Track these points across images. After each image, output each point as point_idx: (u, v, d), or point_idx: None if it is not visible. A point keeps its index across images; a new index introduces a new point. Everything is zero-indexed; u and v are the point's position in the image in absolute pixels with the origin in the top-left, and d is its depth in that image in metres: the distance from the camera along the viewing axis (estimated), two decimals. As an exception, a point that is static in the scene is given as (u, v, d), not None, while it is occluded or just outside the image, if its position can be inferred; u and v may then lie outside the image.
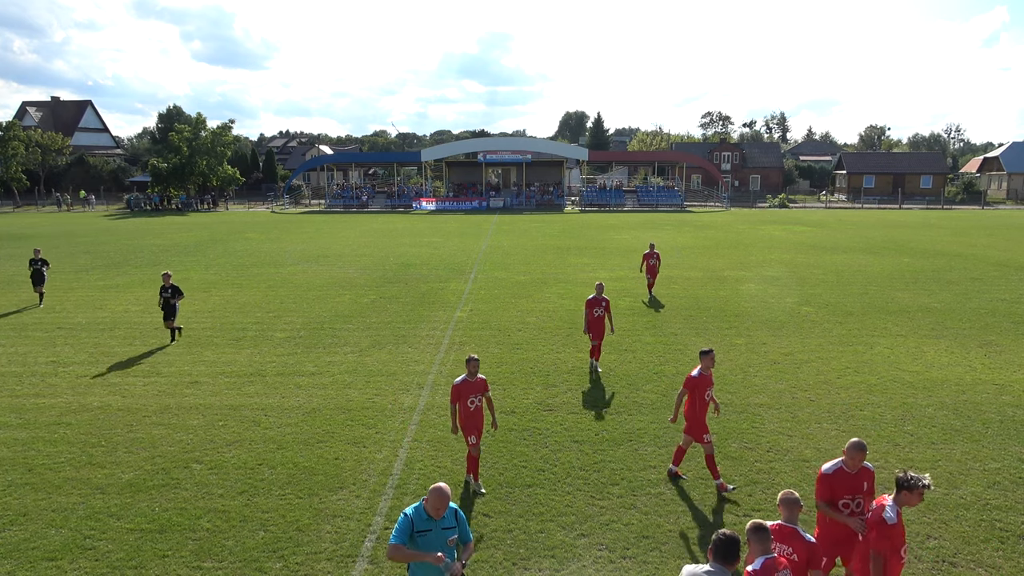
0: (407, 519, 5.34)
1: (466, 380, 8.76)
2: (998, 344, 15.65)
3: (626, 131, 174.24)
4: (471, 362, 8.81)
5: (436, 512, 5.32)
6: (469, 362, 8.82)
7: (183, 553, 7.55)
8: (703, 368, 8.88)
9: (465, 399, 8.73)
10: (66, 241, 38.67)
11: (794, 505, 5.50)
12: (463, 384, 8.74)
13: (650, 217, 55.52)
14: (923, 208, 69.87)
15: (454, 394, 8.73)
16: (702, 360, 8.93)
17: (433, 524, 5.34)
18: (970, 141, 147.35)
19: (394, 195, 72.54)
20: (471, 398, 8.75)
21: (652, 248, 21.65)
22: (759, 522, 4.97)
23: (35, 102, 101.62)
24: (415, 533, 5.32)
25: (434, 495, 5.34)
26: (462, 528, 5.53)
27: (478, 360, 8.89)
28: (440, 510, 5.33)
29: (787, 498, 5.54)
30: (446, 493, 5.33)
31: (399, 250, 33.45)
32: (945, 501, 8.59)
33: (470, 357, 8.88)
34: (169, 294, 16.09)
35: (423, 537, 5.32)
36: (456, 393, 8.71)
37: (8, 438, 10.62)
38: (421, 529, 5.33)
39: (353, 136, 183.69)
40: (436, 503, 5.32)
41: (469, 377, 8.77)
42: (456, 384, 8.74)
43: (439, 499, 5.32)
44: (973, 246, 34.46)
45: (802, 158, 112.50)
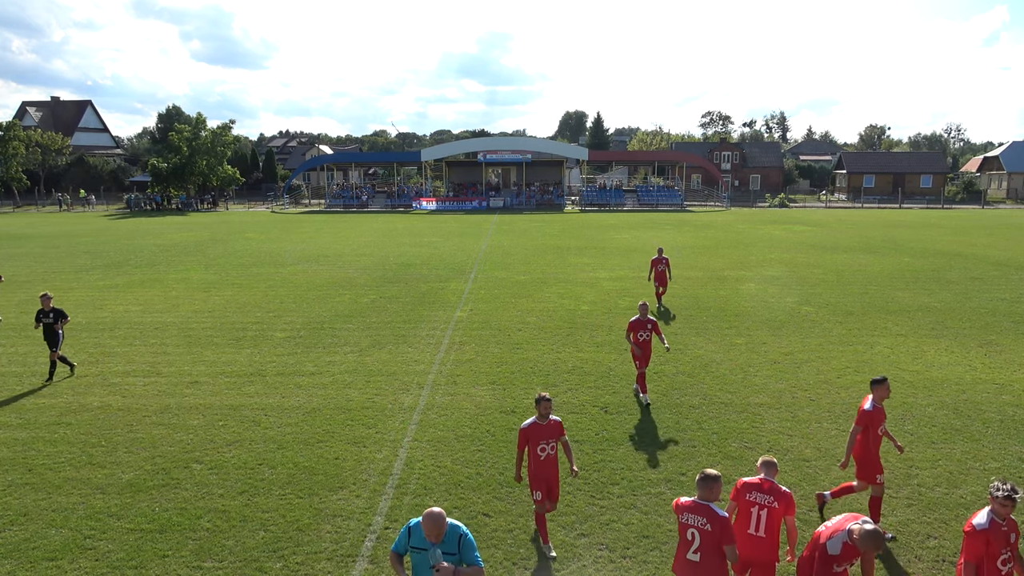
0: (407, 532, 5.17)
1: (536, 424, 7.44)
2: (998, 344, 15.65)
3: (626, 131, 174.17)
4: (542, 402, 7.41)
5: (432, 537, 5.00)
6: (540, 402, 7.43)
7: (183, 553, 7.55)
8: (876, 399, 7.79)
9: (535, 446, 7.43)
10: (66, 241, 38.67)
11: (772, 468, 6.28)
12: (532, 428, 7.42)
13: (650, 217, 55.51)
14: (923, 208, 69.87)
15: (522, 439, 7.46)
16: (875, 390, 7.82)
17: (430, 545, 5.03)
18: (970, 141, 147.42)
19: (394, 195, 72.53)
20: (541, 444, 7.43)
21: (661, 253, 19.97)
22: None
23: (35, 102, 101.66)
24: (411, 548, 5.15)
25: (425, 522, 5.00)
26: (467, 555, 5.09)
27: (551, 400, 7.45)
28: (436, 535, 4.98)
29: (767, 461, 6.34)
30: (438, 518, 4.96)
31: (399, 250, 33.45)
32: (945, 501, 8.59)
33: (541, 397, 7.44)
34: (51, 319, 13.50)
35: (417, 555, 5.11)
36: (524, 438, 7.44)
37: (8, 438, 10.62)
38: (417, 547, 5.11)
39: (353, 136, 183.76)
40: (429, 529, 4.98)
41: (540, 420, 7.44)
42: (524, 428, 7.44)
43: (432, 525, 4.96)
44: (973, 245, 34.46)
45: (802, 158, 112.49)
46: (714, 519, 5.51)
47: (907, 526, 8.05)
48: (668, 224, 48.09)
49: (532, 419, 7.50)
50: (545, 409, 7.38)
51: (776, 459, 6.81)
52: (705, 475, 5.68)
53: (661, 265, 19.70)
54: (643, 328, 11.98)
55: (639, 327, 12.00)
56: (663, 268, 19.73)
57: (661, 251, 20.06)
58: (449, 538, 5.05)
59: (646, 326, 11.98)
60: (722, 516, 5.52)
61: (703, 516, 5.56)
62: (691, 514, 5.62)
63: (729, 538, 5.48)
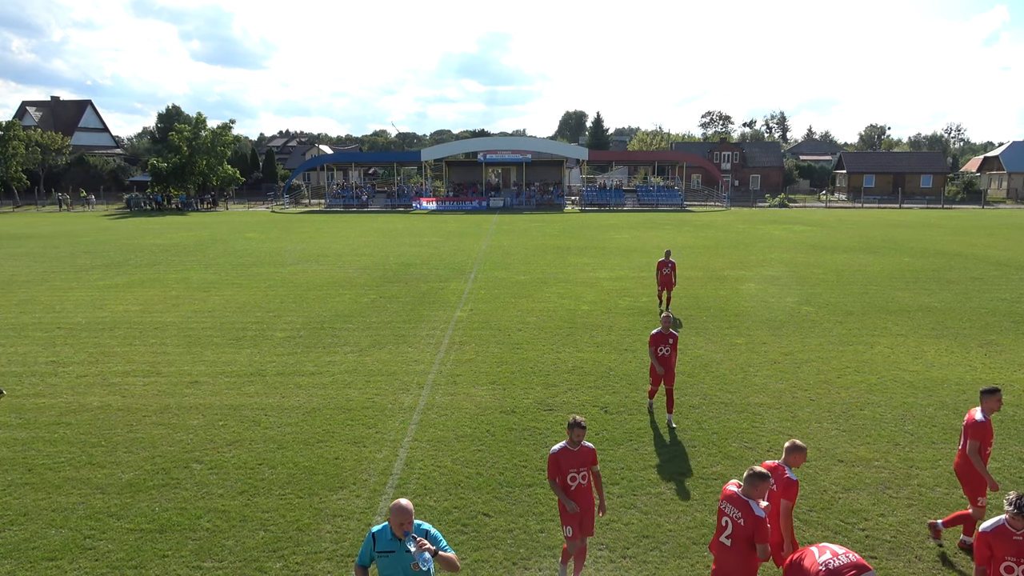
0: (370, 538, 5.09)
1: (565, 449, 6.73)
2: (998, 344, 15.65)
3: (626, 131, 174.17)
4: (575, 428, 6.64)
5: (400, 529, 4.94)
6: (572, 428, 6.65)
7: (183, 553, 7.55)
8: (986, 410, 7.27)
9: (565, 474, 6.71)
10: (66, 241, 38.67)
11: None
12: (562, 454, 6.71)
13: (650, 217, 55.52)
14: (923, 208, 69.87)
15: (552, 468, 6.76)
16: (985, 401, 7.28)
17: (397, 545, 4.99)
18: (970, 141, 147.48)
19: (394, 195, 72.54)
20: (572, 472, 6.72)
21: (668, 256, 19.03)
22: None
23: (35, 102, 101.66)
24: (377, 554, 5.05)
25: (394, 513, 4.94)
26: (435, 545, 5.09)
27: (584, 426, 6.67)
28: (404, 526, 4.93)
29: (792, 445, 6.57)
30: (407, 509, 4.94)
31: (399, 250, 33.45)
32: (945, 501, 8.59)
33: (574, 421, 6.66)
34: None
35: (385, 559, 5.03)
36: (554, 466, 6.74)
37: (8, 438, 10.62)
38: (383, 550, 5.02)
39: (353, 136, 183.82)
40: (395, 521, 4.94)
41: (570, 446, 6.72)
42: (553, 454, 6.73)
43: (400, 515, 4.92)
44: (973, 245, 34.45)
45: (802, 158, 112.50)
46: (749, 515, 5.65)
47: (907, 526, 8.05)
48: (668, 224, 48.09)
49: (562, 444, 6.79)
50: (577, 436, 6.65)
51: None
52: (753, 472, 5.78)
53: (667, 268, 18.81)
54: (664, 342, 11.04)
55: (660, 341, 11.05)
56: (668, 272, 18.81)
57: (668, 254, 19.18)
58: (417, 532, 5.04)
59: (667, 340, 11.03)
60: (757, 515, 5.62)
61: (740, 510, 5.71)
62: (730, 504, 5.82)
63: (762, 537, 5.61)
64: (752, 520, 5.61)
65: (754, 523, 5.60)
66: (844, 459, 9.75)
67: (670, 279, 18.83)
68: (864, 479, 9.19)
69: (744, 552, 5.69)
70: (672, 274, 18.79)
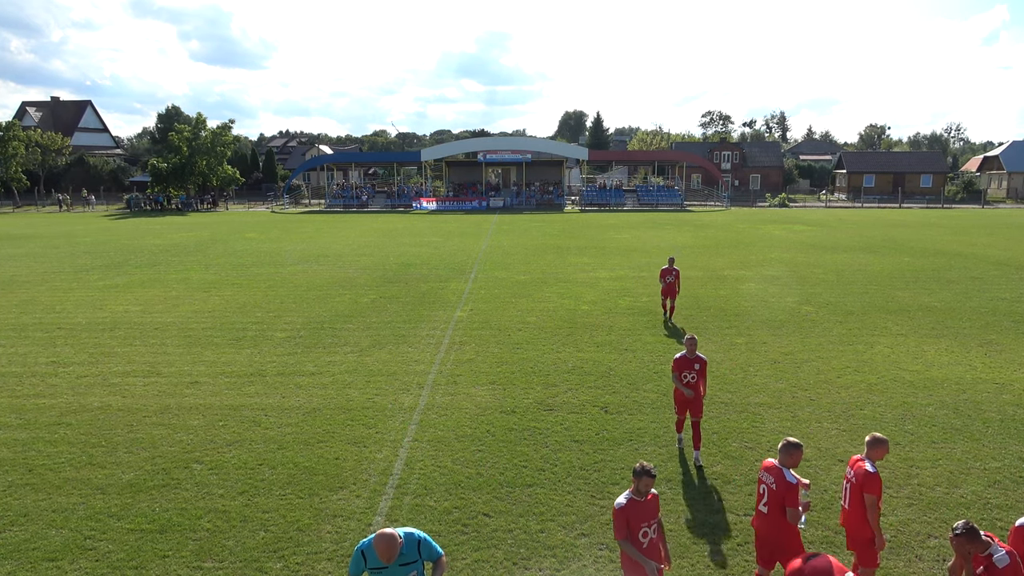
0: (360, 556, 4.98)
1: (634, 501, 5.91)
2: (998, 343, 15.65)
3: (626, 131, 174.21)
4: (643, 476, 5.87)
5: (385, 559, 4.85)
6: (641, 476, 5.88)
7: (183, 553, 7.56)
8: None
9: (637, 531, 5.87)
10: (66, 241, 38.67)
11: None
12: (631, 508, 5.89)
13: (650, 216, 55.52)
14: (923, 207, 69.87)
15: (620, 522, 5.88)
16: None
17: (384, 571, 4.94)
18: (970, 140, 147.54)
19: (394, 195, 72.55)
20: (643, 527, 5.89)
21: (671, 263, 17.96)
22: None
23: (35, 102, 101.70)
24: (370, 570, 4.97)
25: (380, 544, 4.82)
26: (428, 554, 5.12)
27: (654, 474, 5.93)
28: (389, 557, 4.85)
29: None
30: (391, 540, 4.82)
31: (399, 250, 33.45)
32: (946, 500, 8.59)
33: (643, 468, 5.89)
34: None
35: (378, 574, 4.97)
36: (623, 523, 5.87)
37: (8, 438, 10.62)
38: (376, 567, 4.94)
39: (353, 136, 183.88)
40: (382, 551, 4.83)
41: (637, 496, 5.92)
42: (621, 509, 5.89)
43: (385, 548, 4.81)
44: (973, 245, 34.45)
45: (802, 157, 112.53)
46: (781, 481, 6.15)
47: (907, 526, 8.05)
48: (668, 224, 48.09)
49: (627, 496, 5.94)
50: (645, 485, 5.87)
51: None
52: (787, 442, 6.29)
53: (670, 276, 17.75)
54: (689, 368, 9.80)
55: (685, 366, 9.81)
56: (672, 280, 17.78)
57: (672, 261, 18.11)
58: (408, 549, 5.02)
59: (693, 365, 9.77)
60: (788, 481, 6.13)
61: (774, 477, 6.23)
62: (767, 473, 6.33)
63: (791, 501, 6.08)
64: (783, 485, 6.12)
65: (784, 488, 6.11)
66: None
67: (674, 287, 17.91)
68: (864, 479, 9.18)
69: (778, 517, 6.18)
70: (676, 282, 17.92)
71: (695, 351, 9.85)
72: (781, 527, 6.19)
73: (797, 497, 6.07)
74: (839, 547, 7.57)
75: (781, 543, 6.26)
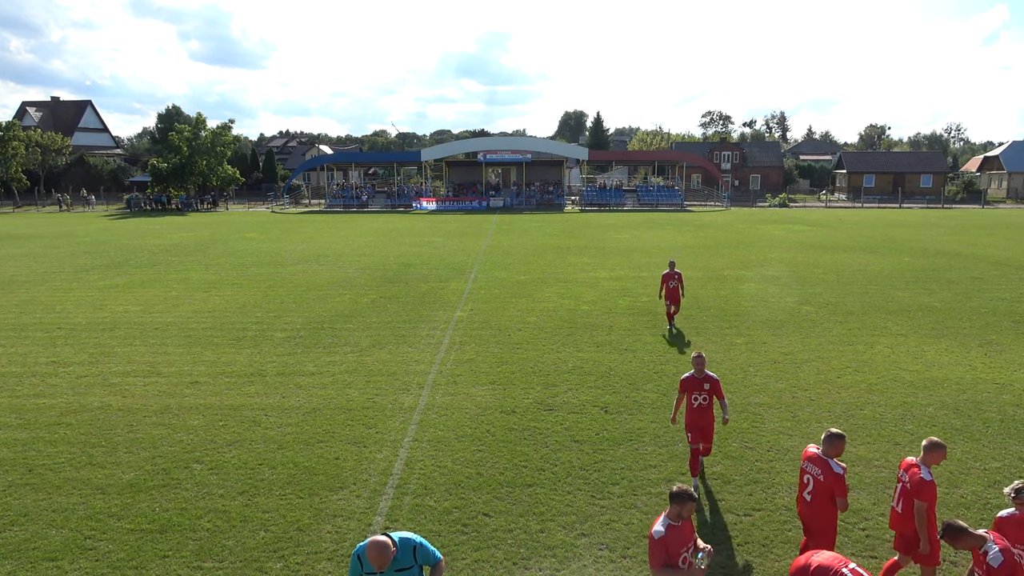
0: (357, 560, 4.94)
1: (672, 527, 5.52)
2: (998, 343, 15.65)
3: (626, 131, 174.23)
4: (686, 501, 5.45)
5: (377, 565, 4.81)
6: (683, 500, 5.45)
7: (184, 553, 7.56)
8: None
9: (677, 557, 5.49)
10: (66, 241, 38.68)
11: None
12: (670, 535, 5.48)
13: (650, 216, 55.52)
14: (923, 207, 69.86)
15: (659, 554, 5.47)
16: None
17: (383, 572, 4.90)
18: (970, 140, 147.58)
19: (394, 195, 72.56)
20: (683, 553, 5.53)
21: (673, 267, 17.12)
22: None
23: (35, 102, 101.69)
24: (366, 574, 4.93)
25: (372, 551, 4.76)
26: (424, 558, 5.07)
27: (693, 498, 5.50)
28: (382, 564, 4.80)
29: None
30: (383, 547, 4.78)
31: (399, 250, 33.46)
32: (946, 500, 8.59)
33: (681, 491, 5.48)
34: None
35: None
36: (662, 552, 5.46)
37: (8, 438, 10.62)
38: (371, 571, 4.90)
39: (353, 136, 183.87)
40: (374, 559, 4.78)
41: (673, 520, 5.53)
42: (660, 538, 5.45)
43: (377, 555, 4.76)
44: (973, 245, 34.46)
45: (802, 157, 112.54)
46: (828, 472, 6.36)
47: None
48: (668, 224, 48.09)
49: (664, 522, 5.52)
50: (688, 511, 5.48)
51: None
52: (830, 433, 6.50)
53: (673, 281, 16.89)
54: (698, 389, 8.66)
55: (694, 387, 8.72)
56: (675, 284, 16.91)
57: (673, 265, 17.27)
58: (403, 555, 4.97)
59: (702, 386, 8.65)
60: (836, 472, 6.33)
61: (820, 468, 6.43)
62: (811, 463, 6.54)
63: (840, 492, 6.31)
64: (830, 476, 6.33)
65: (832, 479, 6.32)
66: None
67: (677, 293, 16.96)
68: (864, 479, 9.19)
69: (824, 506, 6.44)
70: (680, 287, 16.99)
71: (704, 370, 8.79)
72: (828, 514, 6.47)
73: (845, 486, 6.34)
74: (839, 547, 7.57)
75: (821, 528, 6.55)
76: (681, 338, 16.25)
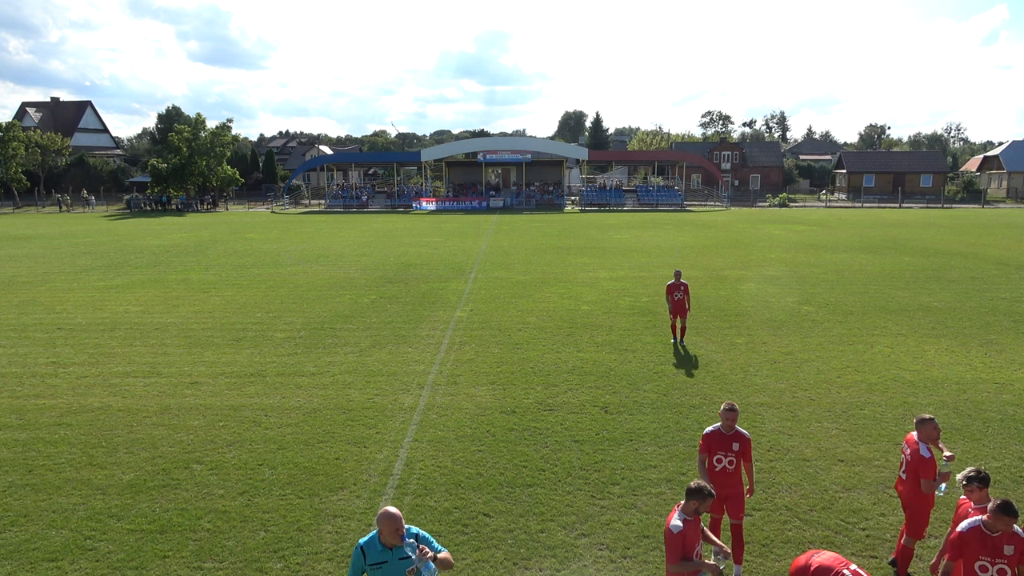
0: (359, 552, 4.90)
1: (687, 522, 5.56)
2: (999, 343, 15.65)
3: (626, 131, 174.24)
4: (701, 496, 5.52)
5: (392, 539, 4.80)
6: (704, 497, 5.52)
7: (184, 554, 7.56)
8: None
9: (692, 550, 5.56)
10: (66, 241, 38.67)
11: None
12: (688, 528, 5.53)
13: (650, 216, 55.52)
14: (923, 207, 69.86)
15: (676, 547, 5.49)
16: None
17: (389, 555, 4.86)
18: (970, 140, 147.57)
19: (394, 195, 72.56)
20: (697, 548, 5.63)
21: (678, 278, 15.53)
22: None
23: (35, 103, 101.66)
24: (369, 567, 4.87)
25: (384, 522, 4.76)
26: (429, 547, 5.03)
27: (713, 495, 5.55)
28: (396, 536, 4.79)
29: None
30: (398, 516, 4.80)
31: (399, 250, 33.46)
32: (945, 501, 8.58)
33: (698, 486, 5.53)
34: None
35: (378, 570, 4.88)
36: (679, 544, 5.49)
37: (8, 439, 10.62)
38: (376, 562, 4.86)
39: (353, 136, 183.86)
40: (389, 529, 4.78)
41: (689, 515, 5.60)
42: (679, 531, 5.49)
43: (391, 524, 4.76)
44: (973, 245, 34.45)
45: (802, 157, 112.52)
46: (916, 454, 6.88)
47: (907, 526, 8.04)
48: (668, 224, 48.09)
49: (682, 516, 5.57)
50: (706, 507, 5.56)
51: None
52: (920, 418, 7.01)
53: (678, 292, 15.34)
54: (726, 448, 7.09)
55: (719, 446, 7.11)
56: (680, 296, 15.34)
57: (678, 275, 15.61)
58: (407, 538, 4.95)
59: (731, 445, 7.07)
60: (923, 455, 6.82)
61: (911, 449, 6.95)
62: (907, 444, 7.07)
63: (926, 472, 6.78)
64: (917, 458, 6.86)
65: (918, 461, 6.84)
66: (844, 459, 9.76)
67: (683, 305, 15.43)
68: (864, 479, 9.19)
69: (914, 485, 6.92)
70: (686, 298, 15.44)
71: (734, 424, 7.12)
72: (915, 492, 6.93)
73: (931, 470, 6.75)
74: (839, 546, 7.58)
75: (914, 506, 6.99)
76: (690, 366, 14.75)
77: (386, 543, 4.88)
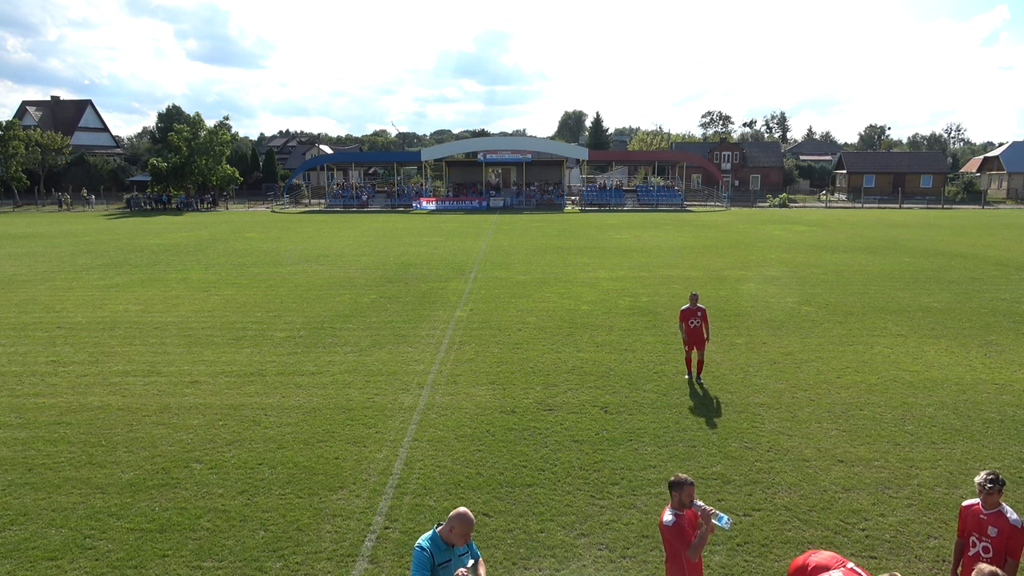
0: (425, 554, 4.86)
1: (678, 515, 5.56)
2: (998, 343, 15.65)
3: (626, 131, 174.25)
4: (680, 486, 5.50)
5: (462, 540, 4.90)
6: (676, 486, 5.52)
7: (183, 553, 7.55)
8: None
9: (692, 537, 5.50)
10: (66, 241, 38.67)
11: None
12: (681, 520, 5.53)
13: (650, 216, 55.52)
14: (923, 208, 69.87)
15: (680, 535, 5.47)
16: None
17: (452, 554, 4.93)
18: (970, 140, 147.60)
19: (394, 195, 72.54)
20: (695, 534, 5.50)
21: (694, 302, 12.99)
22: None
23: (35, 101, 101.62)
24: (436, 566, 4.87)
25: (460, 523, 4.86)
26: (472, 550, 5.18)
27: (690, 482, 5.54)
28: (466, 538, 4.90)
29: None
30: (472, 519, 4.90)
31: (399, 250, 33.45)
32: (946, 501, 8.59)
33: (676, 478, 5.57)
34: None
35: (444, 569, 4.89)
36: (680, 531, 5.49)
37: (8, 438, 10.62)
38: (442, 561, 4.89)
39: (353, 136, 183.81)
40: (464, 530, 4.87)
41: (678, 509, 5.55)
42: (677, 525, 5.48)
43: (467, 526, 4.85)
44: (973, 246, 34.46)
45: (802, 158, 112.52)
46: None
47: (907, 526, 8.05)
48: (668, 224, 48.09)
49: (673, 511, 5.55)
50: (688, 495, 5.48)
51: None
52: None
53: (695, 319, 12.82)
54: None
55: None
56: (697, 323, 12.82)
57: (695, 299, 13.06)
58: None
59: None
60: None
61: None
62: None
63: None
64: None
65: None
66: (844, 459, 9.76)
67: (701, 334, 12.88)
68: (864, 479, 9.19)
69: None
70: (704, 326, 12.90)
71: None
72: None
73: None
74: (838, 547, 7.58)
75: None
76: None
77: (450, 542, 4.91)
